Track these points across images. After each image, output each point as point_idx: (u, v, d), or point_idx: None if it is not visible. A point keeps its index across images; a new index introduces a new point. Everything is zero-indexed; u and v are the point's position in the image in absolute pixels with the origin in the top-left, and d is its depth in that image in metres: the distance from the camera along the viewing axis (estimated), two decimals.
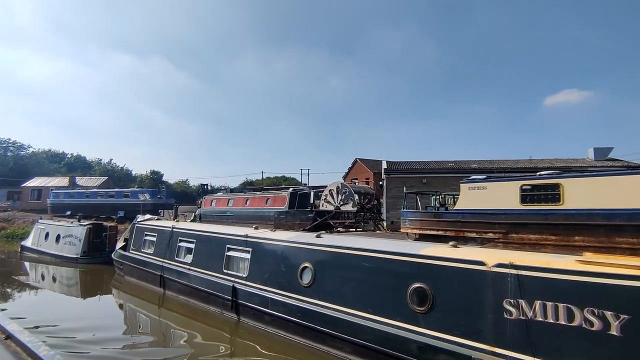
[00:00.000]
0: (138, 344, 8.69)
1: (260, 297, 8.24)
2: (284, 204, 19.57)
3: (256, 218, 20.66)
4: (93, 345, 8.05)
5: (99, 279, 16.73)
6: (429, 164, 30.69)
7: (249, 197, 22.29)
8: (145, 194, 30.34)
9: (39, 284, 16.28)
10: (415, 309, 5.74)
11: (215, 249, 10.17)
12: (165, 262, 11.78)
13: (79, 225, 18.15)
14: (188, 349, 8.04)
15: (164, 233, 12.46)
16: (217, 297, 9.47)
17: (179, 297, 11.06)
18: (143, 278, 12.81)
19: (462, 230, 11.80)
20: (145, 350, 8.10)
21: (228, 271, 9.50)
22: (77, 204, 34.18)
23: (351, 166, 48.73)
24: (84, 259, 17.38)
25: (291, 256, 8.03)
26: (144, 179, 73.45)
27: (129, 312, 11.58)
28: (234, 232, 9.89)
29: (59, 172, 58.68)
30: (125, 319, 11.16)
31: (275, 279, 8.15)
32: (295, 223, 18.67)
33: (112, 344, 8.24)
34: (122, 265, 14.31)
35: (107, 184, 42.70)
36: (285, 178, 79.02)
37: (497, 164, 29.51)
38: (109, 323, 10.64)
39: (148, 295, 12.18)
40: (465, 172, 27.69)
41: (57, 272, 17.42)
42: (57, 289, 15.58)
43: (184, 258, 11.31)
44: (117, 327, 10.17)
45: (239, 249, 9.41)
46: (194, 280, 10.36)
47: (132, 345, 8.48)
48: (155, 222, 13.98)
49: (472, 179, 12.11)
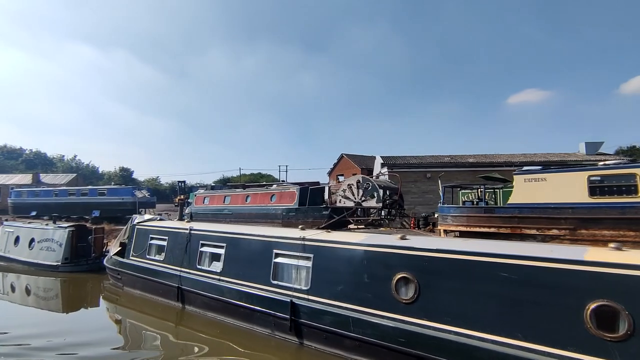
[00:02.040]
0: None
1: (335, 317, 6.46)
2: (293, 200, 17.69)
3: (260, 216, 18.66)
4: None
5: (85, 290, 14.16)
6: (425, 158, 29.74)
7: (249, 194, 20.18)
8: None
9: (7, 297, 13.56)
10: (604, 336, 4.25)
11: (256, 255, 8.23)
12: (184, 271, 9.67)
13: (57, 228, 15.40)
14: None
15: (179, 236, 10.32)
16: (264, 315, 7.56)
17: (205, 313, 9.03)
18: (152, 290, 10.59)
19: (519, 227, 10.54)
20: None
21: (278, 282, 7.62)
22: (43, 203, 30.46)
23: (337, 162, 47.30)
24: (66, 266, 14.70)
25: (377, 264, 6.31)
26: (112, 176, 68.64)
27: (132, 329, 9.39)
28: (282, 234, 7.99)
29: (16, 169, 53.26)
30: (126, 336, 9.08)
31: (356, 293, 6.40)
32: (307, 221, 16.88)
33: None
34: (120, 274, 11.96)
35: (76, 182, 38.75)
36: (262, 175, 76.53)
37: (492, 158, 29.06)
38: (101, 338, 8.74)
39: (160, 311, 10.00)
40: (464, 166, 26.95)
41: (32, 283, 14.64)
42: (31, 302, 12.97)
43: (209, 266, 9.27)
44: (114, 342, 8.40)
45: (293, 255, 7.56)
46: (228, 293, 8.38)
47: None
48: (161, 223, 11.74)
49: (527, 170, 10.87)
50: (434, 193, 25.34)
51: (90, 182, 52.34)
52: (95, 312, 11.69)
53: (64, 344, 8.55)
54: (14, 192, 31.74)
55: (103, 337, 9.14)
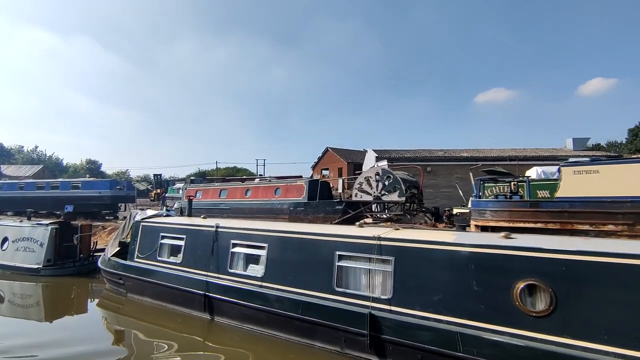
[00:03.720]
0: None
1: (434, 333, 5.26)
2: (301, 194, 16.29)
3: (263, 211, 17.15)
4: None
5: (73, 297, 12.16)
6: (419, 152, 29.15)
7: (250, 187, 18.55)
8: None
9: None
10: None
11: (310, 257, 6.87)
12: (212, 275, 8.12)
13: (37, 225, 13.19)
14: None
15: (201, 235, 8.72)
16: (329, 329, 6.26)
17: (242, 326, 7.57)
18: (168, 298, 8.93)
19: (570, 222, 9.79)
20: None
21: (344, 289, 6.34)
22: (7, 197, 27.23)
23: (321, 155, 46.09)
24: (49, 269, 12.56)
25: (490, 268, 5.17)
26: (78, 169, 63.97)
27: (141, 341, 7.76)
28: (346, 232, 6.66)
29: None
30: (131, 347, 7.63)
31: (461, 303, 5.24)
32: (318, 217, 15.59)
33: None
34: (122, 278, 10.18)
35: (42, 174, 35.17)
36: (237, 169, 74.06)
37: (484, 153, 28.90)
38: (102, 350, 7.43)
39: (180, 323, 8.38)
40: (457, 160, 26.52)
41: (6, 288, 12.44)
42: (5, 310, 10.94)
43: (245, 270, 7.79)
44: (117, 354, 7.22)
45: (363, 257, 6.29)
46: (275, 302, 6.99)
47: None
48: (175, 220, 10.06)
49: (575, 162, 10.14)
50: (434, 187, 24.76)
51: (54, 175, 48.12)
52: (88, 321, 9.83)
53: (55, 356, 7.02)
54: None
55: (103, 349, 7.56)
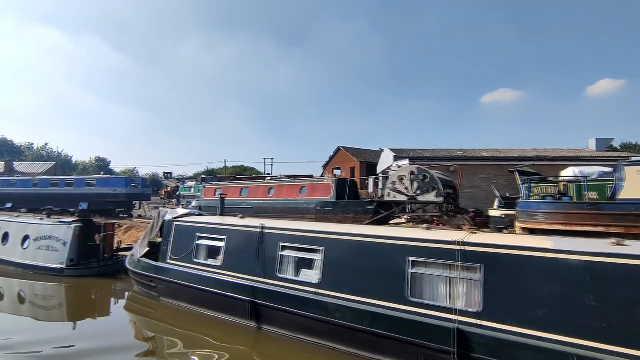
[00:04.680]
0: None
1: (544, 354, 4.53)
2: (329, 193, 15.58)
3: (287, 211, 16.45)
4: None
5: (97, 298, 11.55)
6: (437, 151, 28.39)
7: (273, 186, 17.86)
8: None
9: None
10: None
11: (376, 262, 6.16)
12: (259, 281, 7.44)
13: (60, 223, 12.57)
14: None
15: (244, 236, 8.03)
16: (404, 345, 5.54)
17: (295, 336, 6.86)
18: (208, 304, 8.22)
19: (636, 226, 9.07)
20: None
21: (421, 300, 5.63)
22: (21, 194, 26.70)
23: (333, 154, 45.34)
24: (73, 269, 11.91)
25: (606, 280, 4.43)
26: (87, 166, 63.68)
27: (176, 349, 7.15)
28: (419, 236, 5.94)
29: None
30: (163, 357, 6.92)
31: (572, 319, 4.52)
32: (347, 217, 14.88)
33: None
34: (154, 281, 9.51)
35: (55, 171, 34.68)
36: (245, 168, 73.56)
37: (504, 153, 28.10)
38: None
39: (222, 331, 7.69)
40: (478, 160, 25.73)
41: (27, 289, 11.84)
42: (25, 311, 10.34)
43: (297, 275, 7.09)
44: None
45: (443, 265, 5.57)
46: (336, 312, 6.28)
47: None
48: (212, 219, 9.38)
49: (638, 161, 9.41)
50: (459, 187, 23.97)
51: (64, 172, 47.67)
52: (116, 326, 9.13)
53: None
54: None
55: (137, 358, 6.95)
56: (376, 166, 35.63)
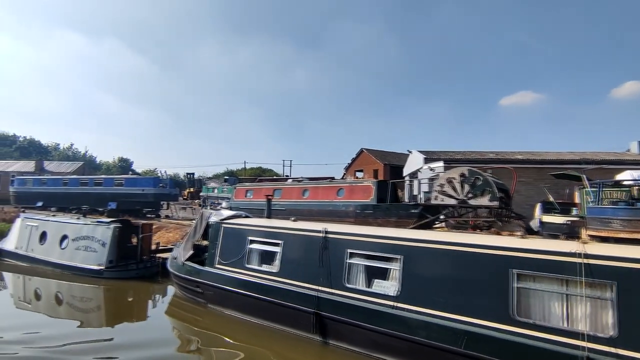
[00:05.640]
0: None
1: None
2: (369, 195, 14.83)
3: (324, 213, 15.75)
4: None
5: (137, 302, 11.07)
6: (468, 153, 27.31)
7: (308, 187, 17.21)
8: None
9: (29, 305, 10.42)
10: None
11: (472, 275, 5.38)
12: (323, 290, 6.76)
13: (98, 224, 12.18)
14: None
15: (304, 240, 7.36)
16: None
17: (369, 354, 6.14)
18: (263, 313, 7.58)
19: None
20: None
21: (531, 320, 4.84)
22: (51, 192, 26.75)
23: (355, 157, 44.55)
24: (112, 271, 11.46)
25: None
26: (111, 166, 64.39)
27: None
28: (523, 246, 5.16)
29: (10, 157, 48.67)
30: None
31: None
32: (389, 221, 14.10)
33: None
34: (201, 286, 8.93)
35: (83, 170, 34.88)
36: (263, 169, 73.39)
37: (539, 156, 26.85)
38: None
39: (281, 344, 7.01)
40: (512, 163, 24.57)
41: (65, 290, 11.46)
42: (63, 313, 9.91)
43: (368, 286, 6.37)
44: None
45: (557, 280, 4.78)
46: (421, 330, 5.53)
47: None
48: (265, 222, 8.75)
49: None
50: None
51: (88, 172, 48.18)
52: (159, 332, 8.48)
53: None
54: (17, 180, 27.86)
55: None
56: (401, 169, 34.67)
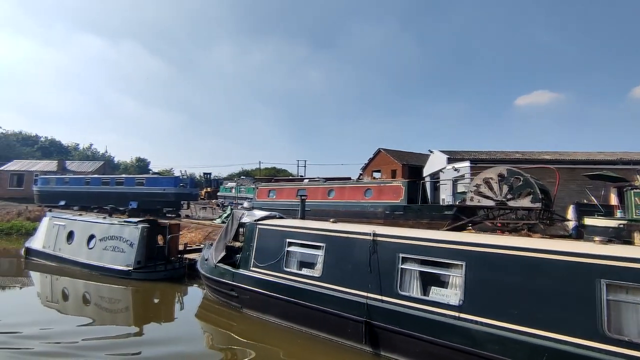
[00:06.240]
0: None
1: None
2: (399, 196, 14.30)
3: (351, 214, 15.28)
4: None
5: (165, 304, 10.76)
6: (493, 153, 26.49)
7: (334, 187, 16.77)
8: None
9: (55, 304, 10.20)
10: None
11: (553, 285, 4.80)
12: (373, 298, 6.27)
13: (126, 223, 11.92)
14: None
15: (350, 244, 6.90)
16: None
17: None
18: (304, 320, 7.16)
19: None
20: None
21: (621, 336, 4.27)
22: (73, 192, 26.88)
23: (372, 157, 43.88)
24: (141, 272, 11.20)
25: None
26: (128, 166, 65.11)
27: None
28: (619, 253, 4.57)
29: (32, 157, 49.51)
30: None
31: None
32: (420, 222, 13.54)
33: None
34: (235, 290, 8.53)
35: (104, 170, 35.09)
36: (277, 169, 73.25)
37: (568, 156, 25.86)
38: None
39: (325, 354, 6.58)
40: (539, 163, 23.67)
41: (91, 290, 11.20)
42: (90, 313, 9.63)
43: (426, 294, 5.87)
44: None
45: None
46: (494, 345, 4.98)
47: None
48: (303, 224, 8.32)
49: None
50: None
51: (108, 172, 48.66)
52: (190, 336, 8.06)
53: None
54: (40, 180, 28.08)
55: None
56: (420, 169, 33.93)
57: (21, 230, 21.35)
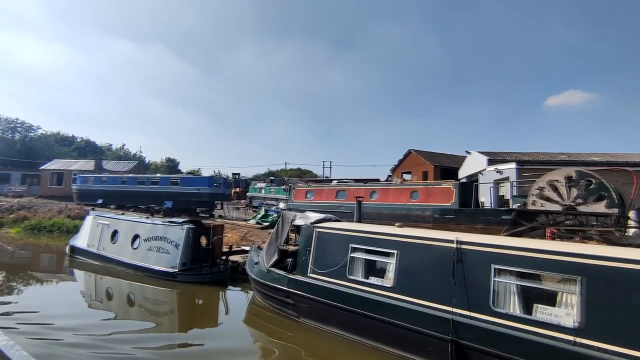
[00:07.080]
0: None
1: None
2: (449, 199, 13.40)
3: (395, 217, 14.44)
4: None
5: (210, 307, 10.29)
6: (534, 155, 24.99)
7: (376, 189, 16.02)
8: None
9: (100, 304, 9.91)
10: None
11: None
12: (461, 314, 5.53)
13: (171, 224, 11.59)
14: None
15: (429, 251, 6.18)
16: None
17: None
18: (375, 335, 6.48)
19: None
20: None
21: None
22: (110, 190, 27.23)
23: (402, 158, 42.75)
24: (186, 274, 10.81)
25: None
26: (159, 166, 66.38)
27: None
28: None
29: (69, 156, 51.06)
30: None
31: None
32: (474, 227, 12.59)
33: None
34: (293, 297, 7.95)
35: (137, 169, 35.59)
36: (302, 170, 72.97)
37: (620, 158, 24.04)
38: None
39: None
40: (588, 165, 22.07)
41: (136, 291, 10.89)
42: (134, 314, 9.26)
43: (528, 312, 5.08)
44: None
45: None
46: None
47: None
48: (369, 228, 7.66)
49: None
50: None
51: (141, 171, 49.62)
52: (241, 343, 7.55)
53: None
54: (79, 178, 28.64)
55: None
56: (454, 170, 32.62)
57: (62, 228, 21.65)
